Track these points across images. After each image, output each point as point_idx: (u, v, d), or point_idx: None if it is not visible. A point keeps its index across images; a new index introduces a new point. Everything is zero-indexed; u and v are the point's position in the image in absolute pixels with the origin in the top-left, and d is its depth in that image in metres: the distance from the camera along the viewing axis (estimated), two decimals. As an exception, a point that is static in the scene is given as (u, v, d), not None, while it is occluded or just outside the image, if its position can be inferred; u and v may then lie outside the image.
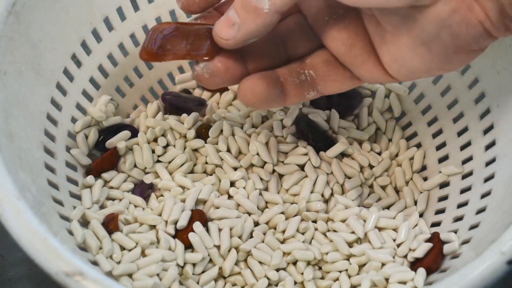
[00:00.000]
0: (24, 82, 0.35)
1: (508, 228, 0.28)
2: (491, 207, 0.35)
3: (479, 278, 0.27)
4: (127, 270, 0.34)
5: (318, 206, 0.39)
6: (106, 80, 0.43)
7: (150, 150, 0.41)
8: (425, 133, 0.43)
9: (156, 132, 0.41)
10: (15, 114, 0.34)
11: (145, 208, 0.39)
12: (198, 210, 0.38)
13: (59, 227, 0.33)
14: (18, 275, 0.41)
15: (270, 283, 0.36)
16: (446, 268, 0.34)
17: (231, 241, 0.37)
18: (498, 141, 0.37)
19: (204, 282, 0.36)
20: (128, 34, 0.44)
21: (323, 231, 0.38)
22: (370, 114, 0.44)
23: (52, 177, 0.36)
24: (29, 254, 0.27)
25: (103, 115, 0.41)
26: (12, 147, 0.32)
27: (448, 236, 0.36)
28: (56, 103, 0.39)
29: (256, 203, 0.39)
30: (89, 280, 0.26)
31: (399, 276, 0.34)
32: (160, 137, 0.42)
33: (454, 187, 0.39)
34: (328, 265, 0.37)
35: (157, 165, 0.41)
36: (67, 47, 0.40)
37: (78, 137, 0.40)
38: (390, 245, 0.37)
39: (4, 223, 0.28)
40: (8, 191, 0.28)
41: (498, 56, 0.37)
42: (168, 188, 0.39)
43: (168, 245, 0.36)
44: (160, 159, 0.41)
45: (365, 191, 0.41)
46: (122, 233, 0.36)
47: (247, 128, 0.42)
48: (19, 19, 0.35)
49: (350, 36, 0.33)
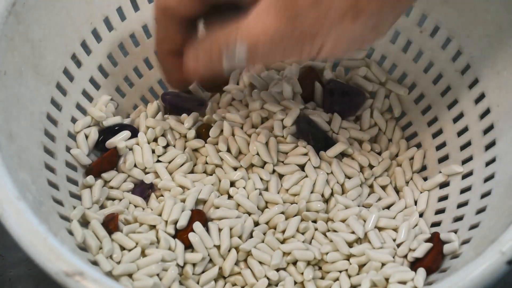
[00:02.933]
0: (24, 82, 0.35)
1: (508, 228, 0.28)
2: (491, 207, 0.35)
3: (479, 278, 0.27)
4: (127, 270, 0.34)
5: (318, 206, 0.39)
6: (106, 80, 0.43)
7: (150, 150, 0.41)
8: (425, 133, 0.43)
9: (156, 132, 0.41)
10: (15, 114, 0.34)
11: (145, 208, 0.39)
12: (198, 210, 0.38)
13: (59, 227, 0.33)
14: (18, 275, 0.41)
15: (270, 283, 0.36)
16: (446, 268, 0.34)
17: (231, 241, 0.37)
18: (498, 141, 0.37)
19: (204, 282, 0.36)
20: (128, 34, 0.44)
21: (323, 231, 0.38)
22: (370, 115, 0.44)
23: (52, 177, 0.36)
24: (29, 254, 0.27)
25: (103, 115, 0.41)
26: (12, 147, 0.32)
27: (448, 236, 0.36)
28: (56, 103, 0.39)
29: (256, 203, 0.39)
30: (89, 280, 0.26)
31: (399, 276, 0.34)
32: (160, 137, 0.42)
33: (454, 187, 0.39)
34: (328, 265, 0.37)
35: (157, 165, 0.41)
36: (67, 47, 0.40)
37: (78, 137, 0.40)
38: (390, 245, 0.37)
39: (4, 223, 0.28)
40: (8, 191, 0.28)
41: (498, 56, 0.37)
42: (168, 188, 0.39)
43: (168, 245, 0.36)
44: (160, 159, 0.41)
45: (365, 191, 0.41)
46: (122, 233, 0.36)
47: (247, 128, 0.42)
48: (19, 19, 0.35)
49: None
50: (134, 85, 0.45)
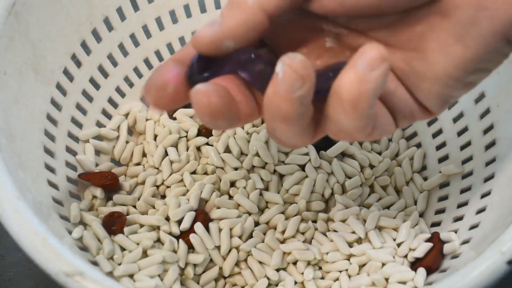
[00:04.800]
0: (24, 82, 0.35)
1: (508, 228, 0.28)
2: (491, 207, 0.35)
3: (479, 278, 0.27)
4: (128, 270, 0.34)
5: (318, 206, 0.39)
6: (106, 80, 0.43)
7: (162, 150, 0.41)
8: (425, 133, 0.43)
9: (160, 132, 0.42)
10: (15, 114, 0.34)
11: (148, 208, 0.39)
12: (202, 211, 0.38)
13: (59, 227, 0.33)
14: (18, 275, 0.41)
15: (270, 283, 0.36)
16: (446, 268, 0.34)
17: (231, 241, 0.37)
18: (498, 141, 0.37)
19: (205, 282, 0.36)
20: (128, 34, 0.44)
21: (323, 231, 0.38)
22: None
23: (52, 177, 0.36)
24: (29, 254, 0.27)
25: (114, 136, 0.42)
26: (12, 147, 0.32)
27: (448, 236, 0.36)
28: (56, 103, 0.39)
29: (256, 203, 0.39)
30: (89, 280, 0.26)
31: (399, 276, 0.34)
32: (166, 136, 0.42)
33: (454, 187, 0.39)
34: (328, 265, 0.37)
35: (162, 163, 0.41)
36: (67, 47, 0.40)
37: (87, 146, 0.40)
38: (390, 245, 0.37)
39: (4, 223, 0.28)
40: (8, 191, 0.28)
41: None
42: (172, 186, 0.39)
43: (171, 246, 0.36)
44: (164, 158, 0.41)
45: (365, 191, 0.41)
46: (123, 234, 0.36)
47: (248, 128, 0.42)
48: (19, 19, 0.35)
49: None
50: (134, 85, 0.45)
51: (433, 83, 0.26)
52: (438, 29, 0.25)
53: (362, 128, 0.25)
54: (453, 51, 0.25)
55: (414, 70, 0.26)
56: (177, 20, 0.45)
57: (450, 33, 0.25)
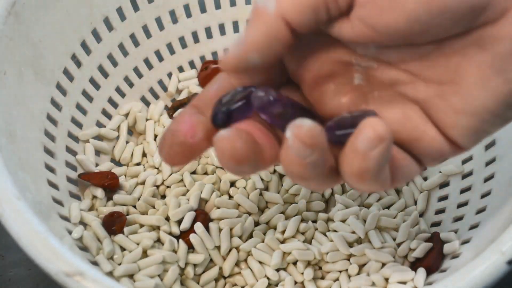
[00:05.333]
0: (24, 82, 0.35)
1: (508, 228, 0.28)
2: (491, 207, 0.35)
3: (479, 278, 0.27)
4: (128, 270, 0.34)
5: (318, 206, 0.39)
6: (106, 80, 0.43)
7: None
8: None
9: (160, 132, 0.42)
10: (15, 114, 0.34)
11: (148, 208, 0.39)
12: (202, 211, 0.38)
13: (59, 227, 0.33)
14: (18, 275, 0.41)
15: (270, 283, 0.36)
16: (446, 268, 0.34)
17: (231, 241, 0.37)
18: (498, 141, 0.37)
19: (205, 282, 0.36)
20: (128, 34, 0.44)
21: (323, 231, 0.38)
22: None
23: (52, 177, 0.36)
24: (29, 254, 0.27)
25: (115, 136, 0.42)
26: (12, 147, 0.32)
27: (448, 236, 0.36)
28: (56, 103, 0.39)
29: (256, 203, 0.39)
30: (89, 280, 0.26)
31: (399, 276, 0.34)
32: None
33: (454, 187, 0.39)
34: (328, 265, 0.37)
35: (162, 163, 0.41)
36: (67, 47, 0.40)
37: (87, 146, 0.40)
38: (390, 245, 0.37)
39: (4, 223, 0.28)
40: (8, 191, 0.28)
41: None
42: (172, 186, 0.39)
43: (171, 246, 0.36)
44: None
45: (365, 191, 0.41)
46: (123, 234, 0.36)
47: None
48: (19, 19, 0.35)
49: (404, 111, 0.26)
50: (134, 85, 0.45)
51: (471, 118, 0.24)
52: (476, 61, 0.23)
53: (376, 190, 0.24)
54: (493, 85, 0.23)
55: (450, 104, 0.24)
56: (177, 20, 0.45)
57: (489, 66, 0.23)
